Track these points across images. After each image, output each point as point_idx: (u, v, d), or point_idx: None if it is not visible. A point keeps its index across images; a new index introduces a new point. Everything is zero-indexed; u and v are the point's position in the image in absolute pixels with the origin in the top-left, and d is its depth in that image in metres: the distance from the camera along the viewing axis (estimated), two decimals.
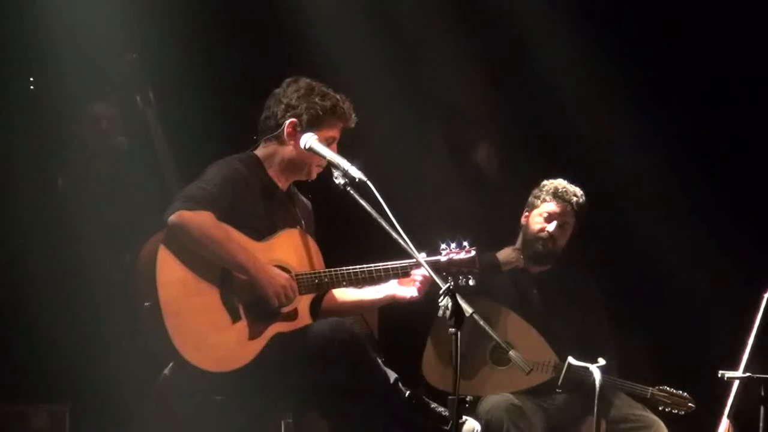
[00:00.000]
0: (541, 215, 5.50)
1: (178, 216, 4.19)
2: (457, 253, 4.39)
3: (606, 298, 5.70)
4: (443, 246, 4.41)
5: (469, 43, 6.29)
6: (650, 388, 5.41)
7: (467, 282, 4.38)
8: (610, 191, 6.21)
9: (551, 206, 5.48)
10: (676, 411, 5.39)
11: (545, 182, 5.55)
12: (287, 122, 4.41)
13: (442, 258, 4.38)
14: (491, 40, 6.37)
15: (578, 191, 5.52)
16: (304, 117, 4.38)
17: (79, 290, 5.53)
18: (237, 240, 4.26)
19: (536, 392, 5.36)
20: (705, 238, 6.19)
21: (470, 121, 6.60)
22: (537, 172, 5.66)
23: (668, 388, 5.41)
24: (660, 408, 5.39)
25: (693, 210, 6.24)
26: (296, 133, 4.40)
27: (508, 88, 6.44)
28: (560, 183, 5.52)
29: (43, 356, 5.44)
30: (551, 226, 5.47)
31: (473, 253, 4.39)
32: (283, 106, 4.42)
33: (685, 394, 5.41)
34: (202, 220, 4.18)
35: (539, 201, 5.52)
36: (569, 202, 5.47)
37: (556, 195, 5.47)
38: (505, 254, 5.53)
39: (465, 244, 4.41)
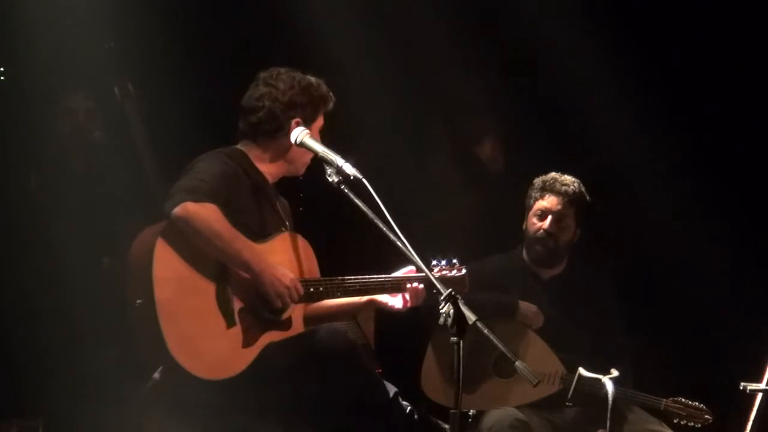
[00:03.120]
0: (535, 214, 5.40)
1: (183, 208, 4.03)
2: (449, 271, 4.39)
3: (623, 305, 5.55)
4: (434, 263, 4.39)
5: (473, 34, 6.23)
6: (663, 400, 5.26)
7: None
8: (626, 192, 6.15)
9: (542, 203, 5.38)
10: (692, 424, 5.24)
11: (536, 179, 5.45)
12: (293, 122, 4.30)
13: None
14: (496, 31, 6.34)
15: (569, 179, 5.39)
16: (309, 112, 4.33)
17: (52, 296, 5.43)
18: (242, 238, 4.14)
19: (543, 406, 5.22)
20: (728, 245, 6.09)
21: (474, 115, 6.51)
22: (546, 170, 5.48)
23: (683, 400, 5.26)
24: (675, 421, 5.25)
25: (715, 216, 6.11)
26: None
27: (514, 79, 6.36)
28: (549, 176, 5.42)
29: (13, 367, 5.37)
30: (546, 223, 5.35)
31: (464, 271, 4.40)
32: (281, 105, 4.31)
33: (702, 405, 5.26)
34: (209, 213, 4.05)
35: (532, 200, 5.42)
36: (560, 192, 5.35)
37: (545, 189, 5.37)
38: (527, 308, 5.36)
39: (455, 261, 4.42)
